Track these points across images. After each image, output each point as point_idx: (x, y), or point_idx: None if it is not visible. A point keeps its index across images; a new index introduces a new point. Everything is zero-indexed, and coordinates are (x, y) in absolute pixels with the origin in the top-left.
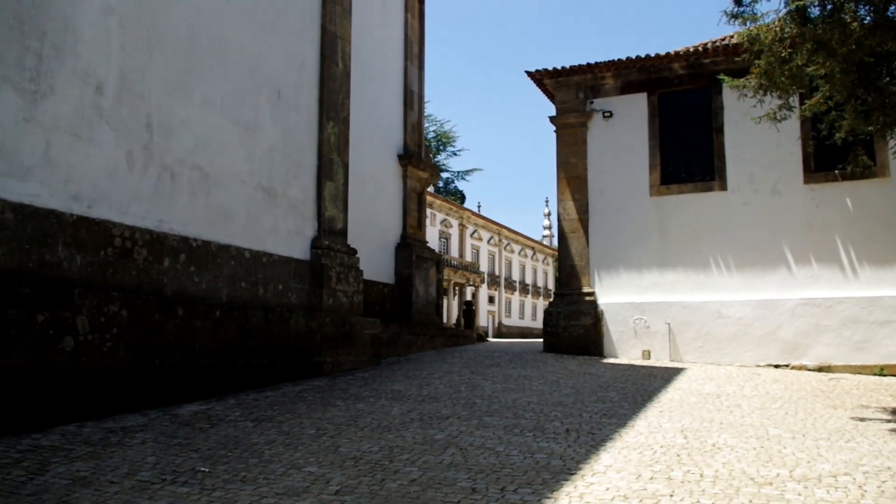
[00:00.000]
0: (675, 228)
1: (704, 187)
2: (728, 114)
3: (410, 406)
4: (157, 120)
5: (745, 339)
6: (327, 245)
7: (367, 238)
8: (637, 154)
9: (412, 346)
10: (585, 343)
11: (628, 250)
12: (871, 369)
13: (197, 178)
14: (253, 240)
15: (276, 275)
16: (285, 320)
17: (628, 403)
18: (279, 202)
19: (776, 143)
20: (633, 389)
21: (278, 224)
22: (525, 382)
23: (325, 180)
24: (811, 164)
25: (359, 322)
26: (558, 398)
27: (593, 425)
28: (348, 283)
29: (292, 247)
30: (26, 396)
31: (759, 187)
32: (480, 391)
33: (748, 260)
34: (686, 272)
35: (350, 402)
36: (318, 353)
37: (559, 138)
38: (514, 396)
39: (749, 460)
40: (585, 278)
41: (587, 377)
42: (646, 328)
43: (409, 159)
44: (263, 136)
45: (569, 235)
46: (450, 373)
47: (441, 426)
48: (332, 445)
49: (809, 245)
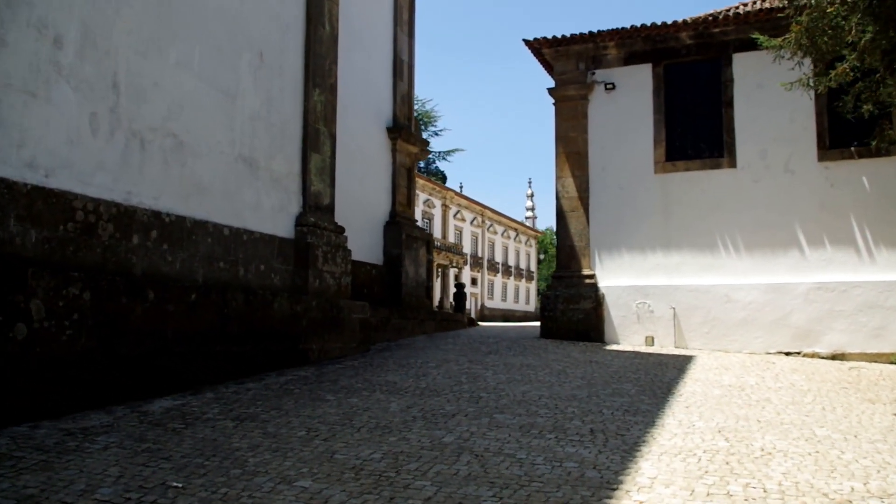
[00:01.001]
0: (680, 207)
1: (712, 164)
2: (738, 86)
3: (410, 401)
4: (125, 80)
5: (755, 324)
6: (313, 222)
7: (355, 216)
8: (641, 129)
9: (402, 330)
10: (585, 328)
11: (631, 230)
12: (887, 357)
13: (170, 146)
14: (232, 216)
15: (258, 254)
16: (268, 304)
17: (648, 397)
18: (261, 175)
19: (789, 118)
20: (647, 380)
21: (260, 199)
22: (530, 373)
23: (311, 152)
24: (826, 140)
25: (347, 306)
26: (570, 391)
27: (619, 425)
28: (336, 263)
29: (275, 224)
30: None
31: (771, 164)
32: (483, 383)
33: (758, 241)
34: (692, 254)
35: (342, 395)
36: (303, 339)
37: (558, 112)
38: (522, 389)
39: (810, 469)
40: (585, 260)
41: (594, 366)
42: (649, 313)
43: (398, 132)
44: (244, 103)
45: (568, 214)
46: (446, 361)
47: (448, 426)
48: (327, 451)
49: (823, 226)
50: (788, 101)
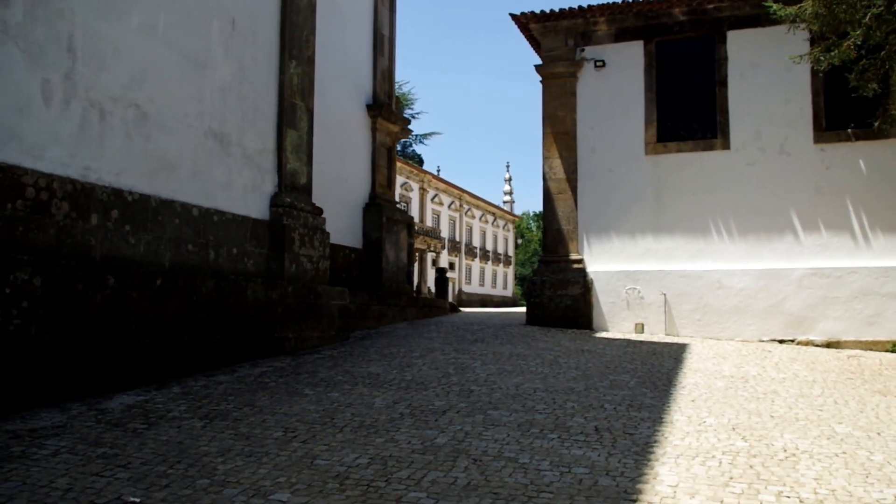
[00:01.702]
0: (672, 190)
1: (705, 145)
2: (733, 65)
3: (395, 395)
4: (82, 44)
5: (748, 311)
6: (289, 203)
7: (333, 197)
8: (632, 108)
9: (382, 317)
10: (573, 315)
11: (621, 214)
12: (882, 345)
13: (133, 118)
14: (202, 195)
15: (230, 237)
16: (241, 290)
17: (649, 390)
18: (233, 152)
19: (785, 99)
20: (645, 371)
21: (232, 177)
22: (521, 363)
23: (287, 128)
24: (822, 121)
25: (325, 292)
26: (566, 383)
27: (625, 422)
28: (313, 246)
29: (249, 204)
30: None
31: (766, 146)
32: (473, 374)
33: (752, 226)
34: (684, 238)
35: (321, 389)
36: (279, 327)
37: (545, 90)
38: (515, 381)
39: (842, 474)
40: (573, 244)
41: (587, 356)
42: (639, 299)
43: (378, 110)
44: (215, 74)
45: (555, 197)
46: (431, 350)
47: (439, 424)
48: (307, 456)
49: (819, 210)
50: (784, 81)
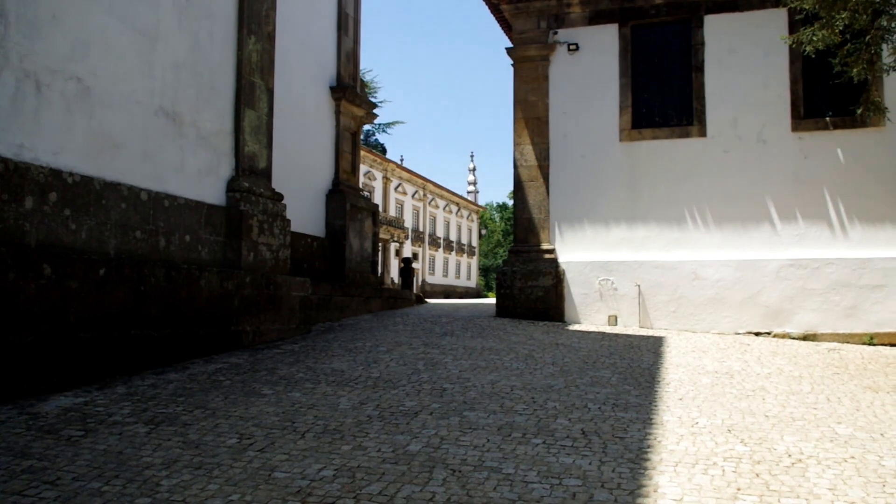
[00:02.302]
0: (647, 178)
1: (681, 132)
2: (710, 50)
3: (362, 394)
4: (14, 8)
5: (724, 303)
6: (247, 188)
7: (294, 182)
8: (606, 93)
9: (346, 309)
10: (545, 307)
11: (594, 202)
12: (859, 338)
13: (74, 91)
14: (152, 178)
15: (183, 223)
16: (194, 280)
17: (632, 387)
18: (187, 132)
19: (762, 85)
20: (625, 366)
21: (185, 159)
22: (494, 358)
23: (246, 108)
24: (800, 109)
25: (285, 282)
26: (544, 380)
27: (613, 424)
28: (273, 234)
29: (203, 188)
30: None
31: (743, 134)
32: (444, 371)
33: (729, 215)
34: (659, 228)
35: (281, 388)
36: (235, 320)
37: (517, 74)
38: (490, 378)
39: (857, 482)
40: (545, 233)
41: (563, 350)
42: (613, 290)
43: (342, 92)
44: (167, 48)
45: (526, 184)
46: (398, 344)
47: (412, 428)
48: (264, 467)
49: (796, 200)
50: (762, 68)
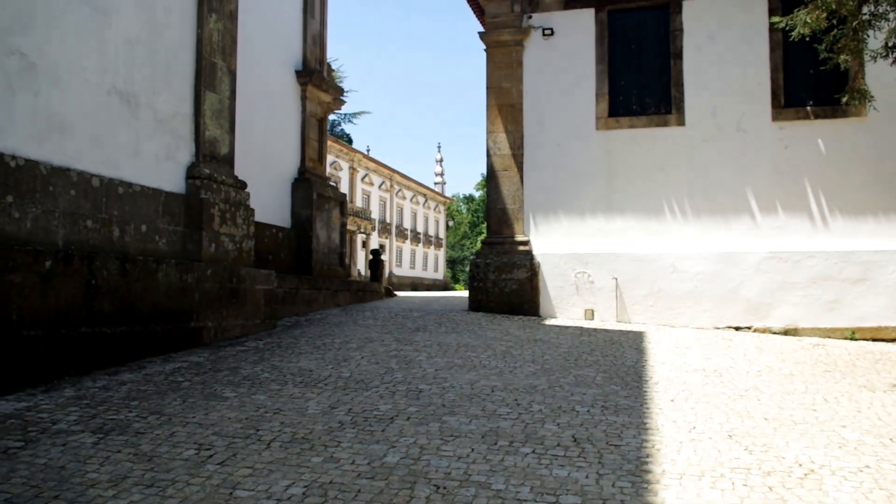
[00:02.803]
0: (624, 168)
1: (659, 121)
2: (689, 36)
3: (333, 397)
4: None
5: (703, 297)
6: (208, 175)
7: (258, 170)
8: (582, 80)
9: (313, 303)
10: (519, 301)
11: (570, 192)
12: (841, 332)
13: (17, 68)
14: (104, 163)
15: (139, 212)
16: (151, 273)
17: (619, 387)
18: (142, 114)
19: (742, 73)
20: (608, 364)
21: (141, 144)
22: (471, 355)
23: (206, 90)
24: (781, 98)
25: (249, 275)
26: (525, 379)
27: (605, 430)
28: (236, 224)
29: (161, 175)
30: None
31: (722, 123)
32: (420, 370)
33: (708, 206)
34: (637, 219)
35: (244, 390)
36: (196, 315)
37: (490, 59)
38: (468, 378)
39: (879, 497)
40: (519, 224)
41: (542, 346)
42: (589, 283)
43: (309, 76)
44: (121, 23)
45: (499, 174)
46: (369, 341)
47: (388, 436)
48: (225, 483)
49: (777, 191)
50: (742, 55)
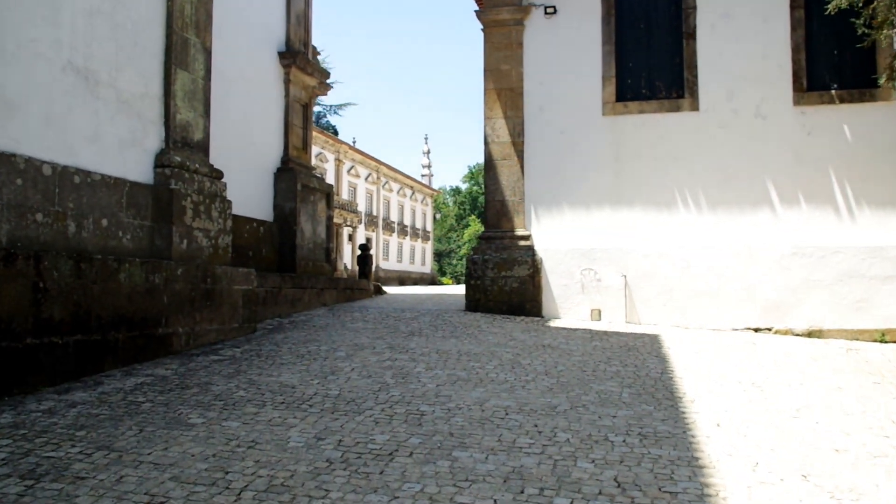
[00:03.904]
0: (633, 156)
1: (671, 106)
2: (702, 14)
3: (318, 423)
4: None
5: (719, 296)
6: (180, 163)
7: (237, 159)
8: (587, 62)
9: (297, 303)
10: (520, 300)
11: (574, 183)
12: (869, 334)
13: None
14: (58, 148)
15: (99, 204)
16: (111, 274)
17: (652, 406)
18: (104, 94)
19: (761, 54)
20: (630, 375)
21: (102, 127)
22: (474, 366)
23: (177, 69)
24: (803, 80)
25: (226, 274)
26: (541, 397)
27: (652, 468)
28: (210, 218)
29: (125, 163)
30: None
31: (739, 107)
32: (418, 385)
33: (724, 198)
34: (647, 211)
35: (215, 414)
36: (164, 320)
37: (487, 40)
38: (475, 395)
39: None
40: (519, 218)
41: (551, 353)
42: (596, 281)
43: (292, 58)
44: None
45: (498, 163)
46: (359, 348)
47: (387, 481)
48: None
49: (799, 181)
50: (760, 34)
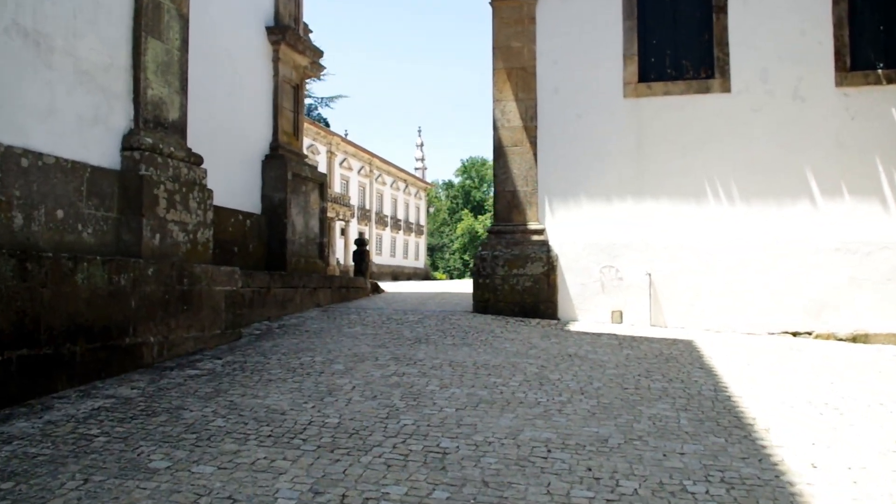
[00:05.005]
0: (658, 142)
1: (700, 87)
2: None
3: (314, 466)
4: None
5: (754, 296)
6: (151, 145)
7: (220, 144)
8: (606, 39)
9: (288, 304)
10: (533, 300)
11: (593, 172)
12: None
13: None
14: (1, 124)
15: (53, 192)
16: (65, 275)
17: (722, 437)
18: (59, 63)
19: (799, 30)
20: (680, 394)
21: (57, 102)
22: (495, 382)
23: (149, 37)
24: (846, 59)
25: (206, 274)
26: (584, 425)
27: None
28: (188, 209)
29: (86, 144)
30: None
31: (775, 89)
32: (433, 409)
33: (759, 188)
34: (673, 203)
35: (184, 454)
36: (132, 329)
37: (496, 14)
38: (505, 424)
39: None
40: (532, 210)
41: (580, 364)
42: (617, 280)
43: (282, 34)
44: None
45: (509, 150)
46: (359, 359)
47: None
48: None
49: (842, 170)
50: (798, 8)
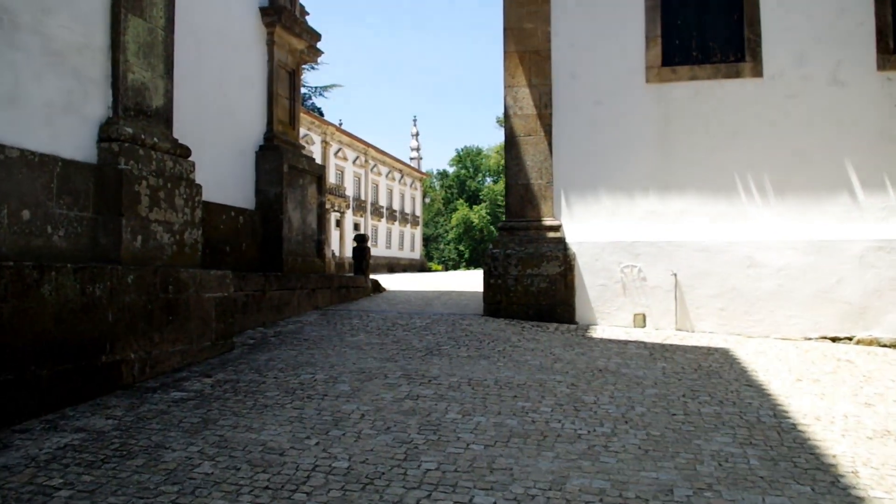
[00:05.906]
0: (684, 131)
1: (729, 71)
2: None
3: None
4: None
5: (789, 299)
6: (132, 135)
7: (210, 134)
8: (628, 18)
9: (285, 307)
10: (549, 303)
11: (613, 163)
12: None
13: None
14: None
15: (16, 189)
16: (28, 287)
17: (808, 487)
18: (25, 43)
19: (838, 8)
20: (739, 422)
21: (22, 87)
22: (524, 407)
23: (129, 14)
24: (889, 41)
25: (194, 279)
26: (640, 469)
27: None
28: (174, 207)
29: (56, 135)
30: None
31: (812, 73)
32: (459, 446)
33: (794, 182)
34: (700, 198)
35: None
36: (109, 346)
37: None
38: (546, 469)
39: None
40: (547, 205)
41: (615, 381)
42: (640, 281)
43: (277, 15)
44: None
45: (522, 140)
46: (367, 377)
47: None
48: None
49: (884, 161)
50: None
